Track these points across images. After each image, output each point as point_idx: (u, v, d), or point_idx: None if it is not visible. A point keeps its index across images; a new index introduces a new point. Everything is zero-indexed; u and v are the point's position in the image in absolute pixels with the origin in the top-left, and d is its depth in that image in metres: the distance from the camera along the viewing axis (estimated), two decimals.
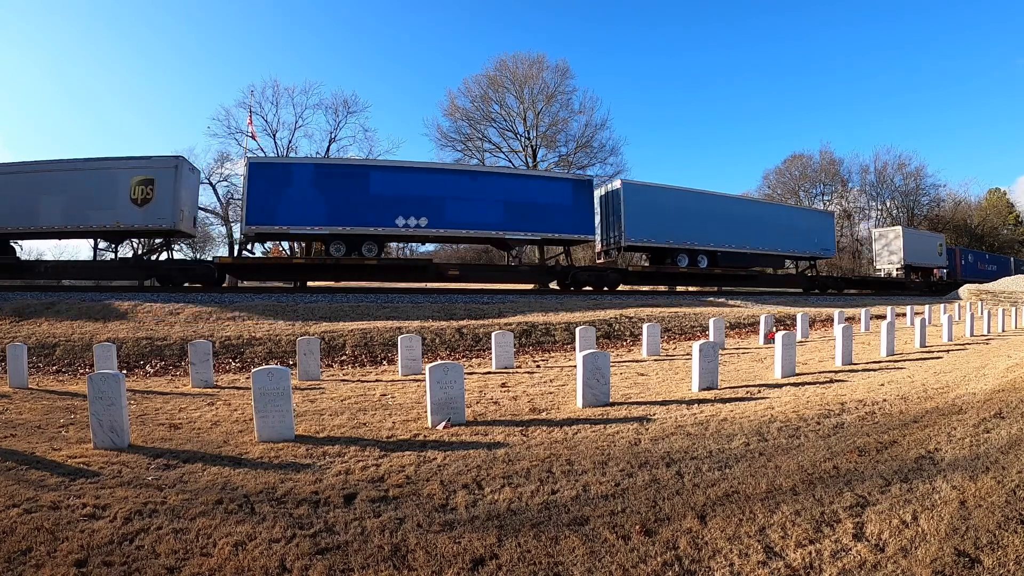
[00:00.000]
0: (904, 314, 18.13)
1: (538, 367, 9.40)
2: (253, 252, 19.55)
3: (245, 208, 17.02)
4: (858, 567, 2.53)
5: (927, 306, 19.12)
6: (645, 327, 11.00)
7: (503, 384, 7.52)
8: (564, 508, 3.22)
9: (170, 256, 18.96)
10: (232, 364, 9.94)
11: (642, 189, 21.09)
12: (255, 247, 19.56)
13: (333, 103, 35.06)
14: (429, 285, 20.02)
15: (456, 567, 2.58)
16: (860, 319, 15.60)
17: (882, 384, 6.78)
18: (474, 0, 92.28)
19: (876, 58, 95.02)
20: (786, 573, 2.51)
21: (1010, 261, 40.58)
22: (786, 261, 26.58)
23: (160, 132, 76.15)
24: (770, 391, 6.56)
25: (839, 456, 4.00)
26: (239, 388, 7.70)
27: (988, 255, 40.59)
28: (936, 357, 9.27)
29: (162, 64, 75.11)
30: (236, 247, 21.66)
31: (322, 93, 48.41)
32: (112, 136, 74.92)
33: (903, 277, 30.46)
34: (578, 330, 10.06)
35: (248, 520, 3.06)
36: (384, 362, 10.33)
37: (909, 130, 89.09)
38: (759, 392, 6.52)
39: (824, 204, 48.91)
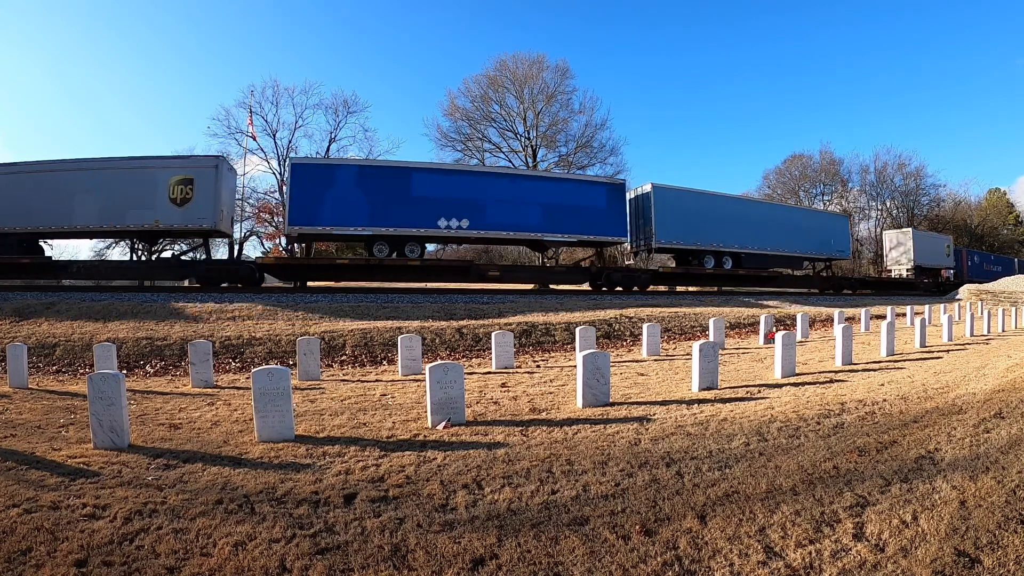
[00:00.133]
0: (904, 314, 18.14)
1: (538, 367, 9.40)
2: (295, 252, 19.61)
3: (287, 208, 17.09)
4: (858, 567, 2.53)
5: (927, 306, 19.13)
6: (645, 327, 11.00)
7: (503, 384, 7.52)
8: (564, 508, 3.22)
9: (208, 256, 18.93)
10: (232, 364, 9.94)
11: (671, 192, 21.54)
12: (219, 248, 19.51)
13: (333, 103, 35.14)
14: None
15: (456, 567, 2.58)
16: (860, 319, 15.61)
17: (882, 384, 6.78)
18: (474, 0, 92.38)
19: (876, 58, 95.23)
20: (786, 573, 2.51)
21: (1014, 262, 41.03)
22: (804, 262, 27.11)
23: (160, 132, 76.24)
24: (770, 391, 6.56)
25: (839, 456, 4.00)
26: (239, 388, 7.70)
27: (993, 256, 41.18)
28: (936, 357, 9.28)
29: (162, 64, 75.22)
30: (236, 247, 21.62)
31: (322, 93, 48.51)
32: (112, 136, 74.98)
33: (913, 278, 31.12)
34: (578, 330, 10.06)
35: (248, 520, 3.06)
36: (384, 362, 10.33)
37: (909, 130, 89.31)
38: (759, 392, 6.52)
39: (824, 204, 48.91)
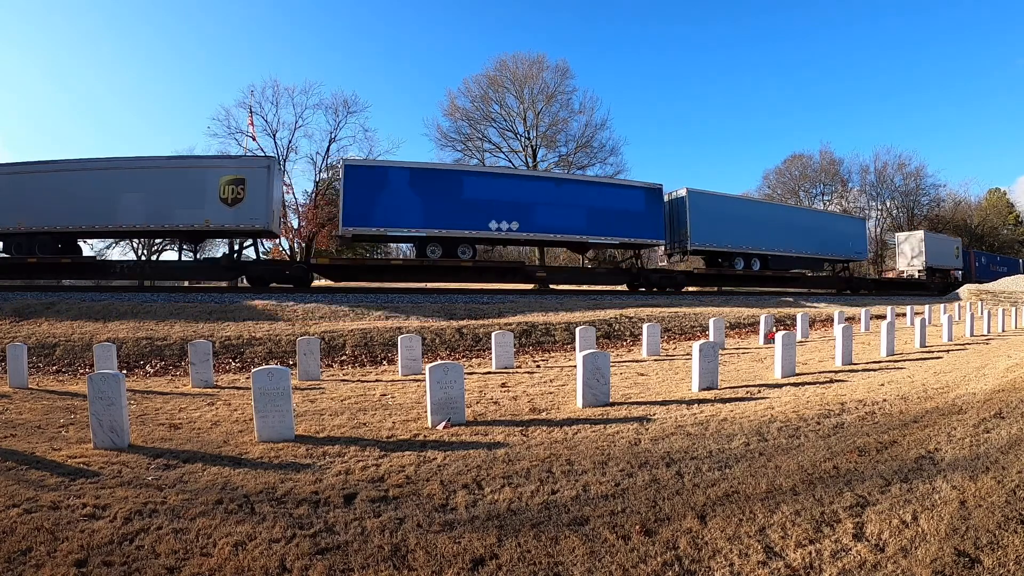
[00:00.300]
0: (904, 314, 18.14)
1: (538, 367, 9.40)
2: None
3: (342, 209, 17.26)
4: (858, 567, 2.53)
5: (927, 306, 19.14)
6: (645, 327, 11.00)
7: (503, 384, 7.52)
8: (564, 508, 3.22)
9: (258, 256, 18.84)
10: (232, 364, 9.94)
11: (704, 196, 22.34)
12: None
13: (333, 103, 34.76)
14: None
15: (456, 567, 2.58)
16: (860, 319, 15.61)
17: (882, 384, 6.78)
18: (474, 0, 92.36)
19: (876, 58, 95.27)
20: (786, 573, 2.51)
21: (1019, 262, 41.71)
22: (824, 263, 27.92)
23: (160, 132, 76.30)
24: (770, 391, 6.56)
25: (839, 456, 4.00)
26: (239, 388, 7.70)
27: (999, 257, 41.98)
28: (936, 357, 9.28)
29: (162, 64, 75.32)
30: (236, 247, 21.52)
31: (322, 93, 47.95)
32: (112, 136, 75.09)
33: (925, 278, 31.97)
34: (578, 330, 10.06)
35: (248, 520, 3.06)
36: (384, 362, 10.33)
37: (909, 130, 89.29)
38: (759, 392, 6.52)
39: (824, 204, 48.91)
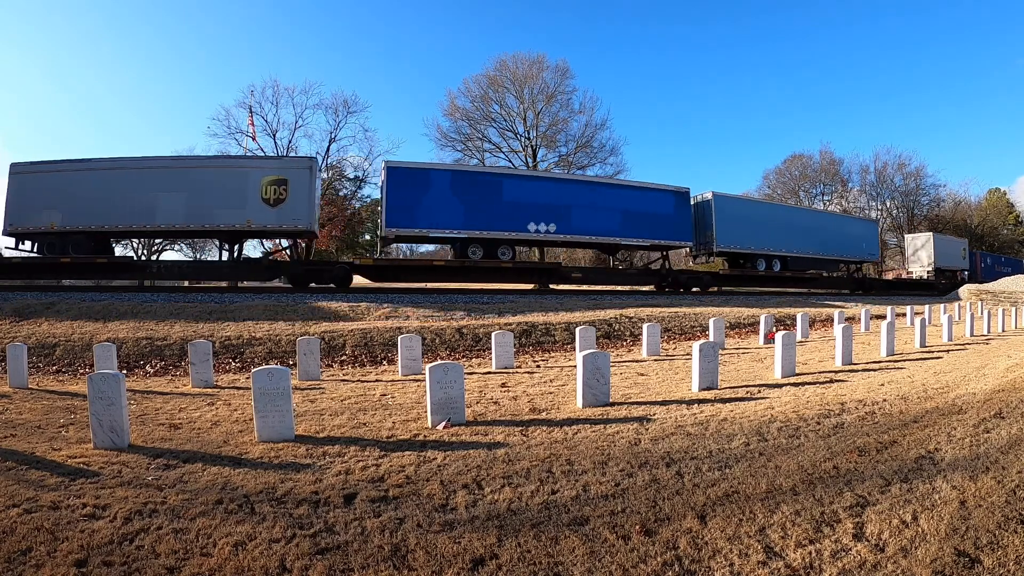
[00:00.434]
0: (904, 314, 18.14)
1: (538, 367, 9.39)
2: (390, 252, 20.00)
3: (384, 210, 17.44)
4: (858, 567, 2.53)
5: (927, 306, 19.14)
6: (645, 327, 11.00)
7: (503, 384, 7.52)
8: (564, 508, 3.22)
9: (298, 256, 18.78)
10: (232, 364, 9.94)
11: (729, 200, 23.30)
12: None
13: (333, 103, 34.72)
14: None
15: (456, 567, 2.58)
16: (860, 319, 15.61)
17: (882, 384, 6.78)
18: (474, 0, 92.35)
19: (876, 58, 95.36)
20: (786, 573, 2.51)
21: (1022, 263, 41.78)
22: (839, 264, 28.57)
23: (160, 132, 76.36)
24: (770, 391, 6.56)
25: (839, 456, 4.00)
26: (239, 388, 7.70)
27: (1004, 258, 42.46)
28: (936, 357, 9.27)
29: (162, 64, 75.37)
30: (237, 247, 21.46)
31: (322, 93, 47.79)
32: (112, 136, 75.16)
33: (933, 279, 32.56)
34: (578, 330, 10.05)
35: (248, 520, 3.06)
36: (384, 362, 10.32)
37: (909, 130, 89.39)
38: (759, 392, 6.52)
39: (824, 204, 48.88)
